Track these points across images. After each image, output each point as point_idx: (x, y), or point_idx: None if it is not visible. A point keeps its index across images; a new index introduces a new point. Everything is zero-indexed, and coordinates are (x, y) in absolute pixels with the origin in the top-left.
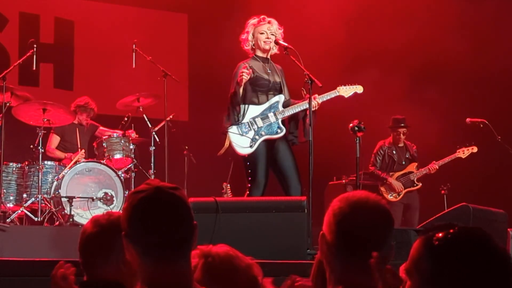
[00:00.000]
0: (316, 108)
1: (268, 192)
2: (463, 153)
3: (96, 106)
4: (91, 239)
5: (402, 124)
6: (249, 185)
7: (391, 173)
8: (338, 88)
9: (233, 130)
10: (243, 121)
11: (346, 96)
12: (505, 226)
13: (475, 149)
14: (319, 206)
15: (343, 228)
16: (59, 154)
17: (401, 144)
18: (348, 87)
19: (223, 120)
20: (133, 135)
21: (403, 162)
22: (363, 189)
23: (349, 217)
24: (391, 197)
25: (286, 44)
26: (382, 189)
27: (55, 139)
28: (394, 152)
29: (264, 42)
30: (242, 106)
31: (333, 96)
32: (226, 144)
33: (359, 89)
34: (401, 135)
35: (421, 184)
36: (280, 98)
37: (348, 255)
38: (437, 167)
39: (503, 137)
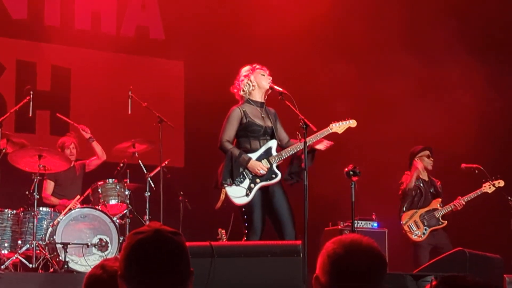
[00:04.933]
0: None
1: (263, 236)
2: (490, 187)
3: (73, 139)
4: (99, 283)
5: (429, 153)
6: (246, 231)
7: (415, 211)
8: (330, 125)
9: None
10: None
11: (339, 132)
12: (502, 272)
13: (501, 183)
14: (315, 252)
15: (338, 269)
16: (54, 200)
17: (426, 178)
18: (341, 123)
19: (218, 174)
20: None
21: (430, 197)
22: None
23: (343, 259)
24: (415, 236)
25: (281, 89)
26: (406, 228)
27: (49, 185)
28: (421, 184)
29: (268, 82)
30: (239, 169)
31: (326, 134)
32: (222, 196)
33: (352, 123)
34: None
35: (446, 222)
36: (273, 144)
37: None
38: (464, 203)
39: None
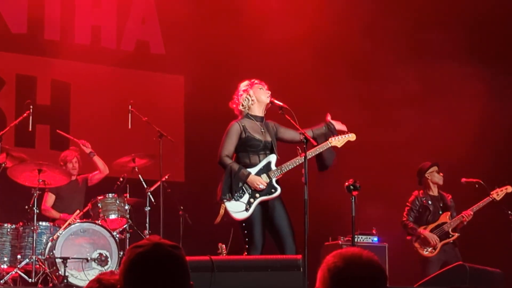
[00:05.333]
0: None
1: (263, 250)
2: (497, 194)
3: (75, 154)
4: None
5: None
6: (247, 246)
7: (424, 226)
8: (330, 139)
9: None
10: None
11: (339, 146)
12: (502, 286)
13: (509, 189)
14: (315, 266)
15: (338, 283)
16: (55, 213)
17: (435, 193)
18: (340, 137)
19: (219, 188)
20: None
21: (440, 212)
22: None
23: (343, 272)
24: (427, 252)
25: (281, 104)
26: (416, 245)
27: (50, 198)
28: (429, 202)
29: (267, 96)
30: (238, 184)
31: (325, 148)
32: (221, 211)
33: (351, 137)
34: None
35: (457, 234)
36: (273, 158)
37: None
38: (472, 213)
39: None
